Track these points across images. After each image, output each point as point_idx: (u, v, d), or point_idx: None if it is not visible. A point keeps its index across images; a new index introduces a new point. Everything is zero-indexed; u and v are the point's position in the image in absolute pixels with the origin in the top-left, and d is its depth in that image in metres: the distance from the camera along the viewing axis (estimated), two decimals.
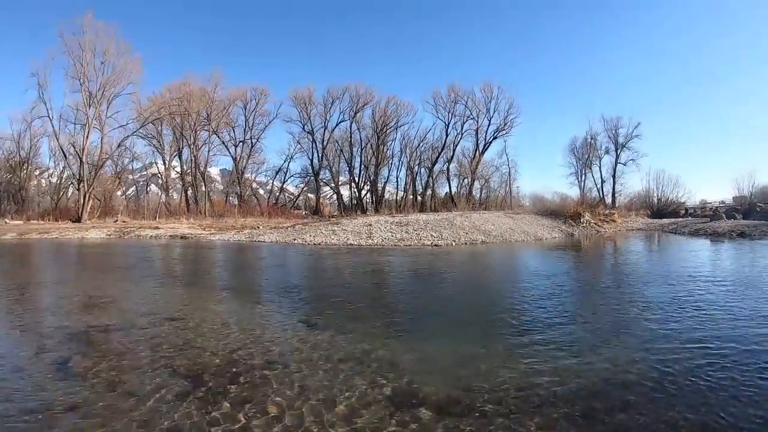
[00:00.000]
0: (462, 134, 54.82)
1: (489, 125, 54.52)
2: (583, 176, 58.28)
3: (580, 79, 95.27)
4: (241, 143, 51.70)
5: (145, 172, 58.13)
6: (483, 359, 5.36)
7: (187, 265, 16.41)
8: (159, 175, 53.13)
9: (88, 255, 19.75)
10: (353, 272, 13.53)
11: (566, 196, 41.75)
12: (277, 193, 55.51)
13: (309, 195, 58.09)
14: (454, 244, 22.15)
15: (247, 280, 12.80)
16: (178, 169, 50.52)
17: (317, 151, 53.81)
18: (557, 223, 28.12)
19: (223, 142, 51.50)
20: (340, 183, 56.32)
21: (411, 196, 55.37)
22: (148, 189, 57.54)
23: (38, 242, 25.27)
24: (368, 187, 55.24)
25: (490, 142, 55.06)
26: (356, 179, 55.30)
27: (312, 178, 54.52)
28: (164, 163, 50.87)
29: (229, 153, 51.87)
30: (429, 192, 55.32)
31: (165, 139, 49.72)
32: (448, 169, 55.12)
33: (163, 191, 51.96)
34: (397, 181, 57.40)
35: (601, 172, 57.88)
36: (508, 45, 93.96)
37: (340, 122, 54.08)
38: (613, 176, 56.64)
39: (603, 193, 55.93)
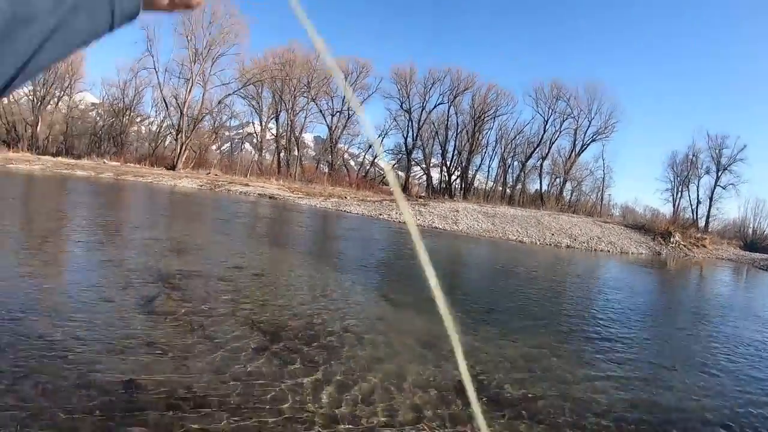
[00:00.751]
0: (560, 132, 52.53)
1: (589, 126, 51.80)
2: (679, 194, 54.00)
3: (689, 87, 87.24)
4: (338, 113, 52.53)
5: (241, 131, 60.62)
6: (548, 360, 5.30)
7: (274, 224, 16.89)
8: (254, 134, 55.22)
9: (179, 203, 20.61)
10: (436, 257, 13.48)
11: (657, 212, 39.13)
12: (368, 167, 56.13)
13: (399, 173, 58.25)
14: (538, 243, 21.51)
15: (332, 247, 13.03)
16: (274, 131, 52.28)
17: (412, 130, 53.71)
18: (645, 239, 26.48)
19: (321, 110, 52.61)
20: (431, 165, 55.98)
21: (500, 188, 54.11)
22: (243, 147, 60.05)
23: (133, 184, 26.11)
24: (459, 173, 54.53)
25: (588, 144, 52.40)
26: (448, 163, 54.68)
27: (404, 156, 54.54)
28: (261, 124, 52.72)
29: (325, 121, 52.93)
30: (519, 186, 53.80)
31: (264, 101, 51.41)
32: (541, 165, 53.17)
33: (256, 151, 54.14)
34: (488, 171, 56.17)
35: (698, 192, 53.33)
36: (613, 43, 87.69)
37: (439, 104, 53.44)
38: (710, 199, 51.98)
39: (697, 216, 51.57)
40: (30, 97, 43.97)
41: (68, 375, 3.58)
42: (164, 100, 45.68)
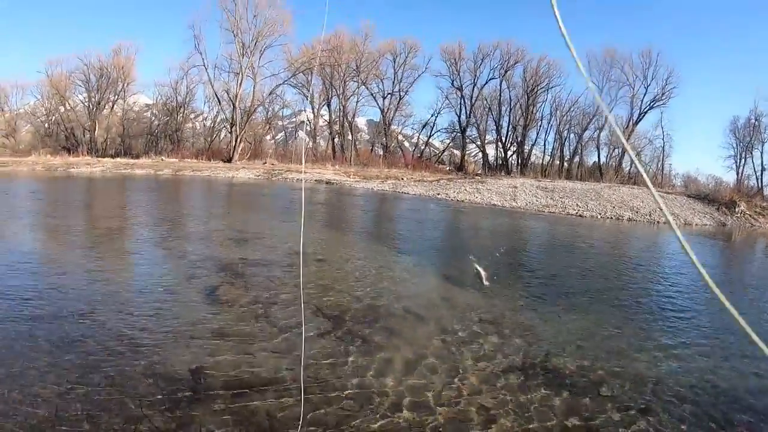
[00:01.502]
0: (616, 101, 50.36)
1: (645, 93, 49.32)
2: (743, 161, 50.57)
3: (752, 47, 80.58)
4: (389, 95, 52.46)
5: (294, 119, 61.58)
6: (612, 339, 5.31)
7: (332, 209, 17.20)
8: (307, 122, 56.24)
9: (237, 193, 21.22)
10: (495, 234, 13.60)
11: (721, 180, 37.06)
12: (422, 147, 56.00)
13: (454, 151, 57.71)
14: (599, 216, 21.17)
15: (392, 230, 13.21)
16: (326, 117, 53.05)
17: (465, 108, 52.92)
18: (709, 209, 25.39)
19: (372, 94, 52.67)
20: (486, 141, 55.19)
21: (558, 162, 52.76)
22: (296, 135, 61.19)
23: (191, 179, 26.55)
24: (515, 148, 53.47)
25: (646, 112, 49.94)
26: (503, 139, 53.68)
27: (458, 134, 53.89)
28: (313, 111, 53.49)
29: (377, 104, 52.99)
30: (577, 159, 52.27)
31: (315, 89, 51.78)
32: (598, 136, 51.37)
33: (310, 138, 55.19)
34: (544, 145, 54.61)
35: (762, 158, 49.71)
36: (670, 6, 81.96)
37: (490, 80, 52.24)
38: None
39: (762, 183, 48.18)
40: (86, 103, 46.18)
41: (136, 365, 3.81)
42: (216, 95, 46.50)
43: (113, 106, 49.00)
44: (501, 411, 3.64)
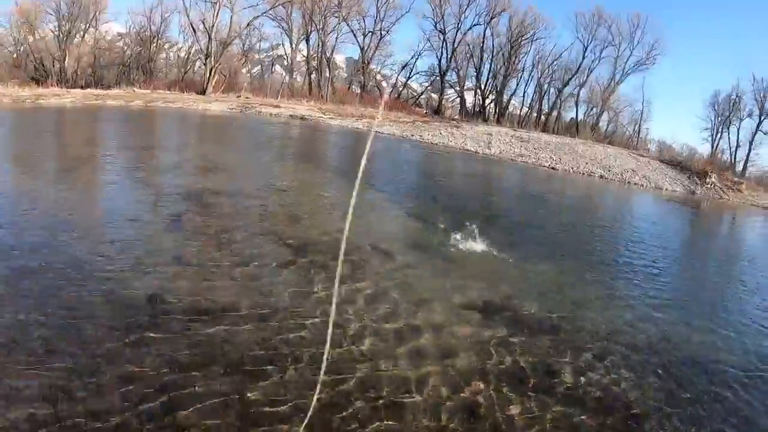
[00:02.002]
0: (599, 60, 50.08)
1: (630, 56, 49.24)
2: (719, 135, 51.58)
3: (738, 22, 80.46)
4: (370, 33, 50.84)
5: (271, 53, 59.60)
6: (575, 289, 5.37)
7: (303, 144, 17.00)
8: (285, 56, 54.38)
9: (209, 126, 20.68)
10: (467, 178, 13.53)
11: (695, 151, 37.75)
12: (401, 88, 55.17)
13: (432, 95, 56.97)
14: (571, 171, 21.24)
15: (359, 167, 13.04)
16: (305, 52, 51.33)
17: (446, 52, 51.79)
18: (681, 176, 25.81)
19: (352, 31, 50.97)
20: (465, 88, 54.56)
21: (535, 115, 52.77)
22: (273, 69, 59.29)
23: (163, 110, 25.53)
24: (493, 97, 53.12)
25: (628, 74, 50.03)
26: (482, 86, 53.18)
27: (437, 78, 53.13)
28: (291, 46, 51.70)
29: (357, 42, 51.41)
30: (555, 114, 52.30)
31: (294, 22, 50.08)
32: (578, 93, 51.31)
33: (287, 73, 53.52)
34: (523, 96, 54.38)
35: (738, 135, 50.78)
36: None
37: (474, 25, 51.02)
38: (750, 143, 49.50)
39: (735, 159, 49.42)
40: (56, 32, 43.75)
41: (93, 291, 3.71)
42: (191, 25, 44.66)
43: (84, 35, 46.41)
44: (459, 346, 3.65)
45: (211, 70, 41.15)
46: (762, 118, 48.13)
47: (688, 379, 3.79)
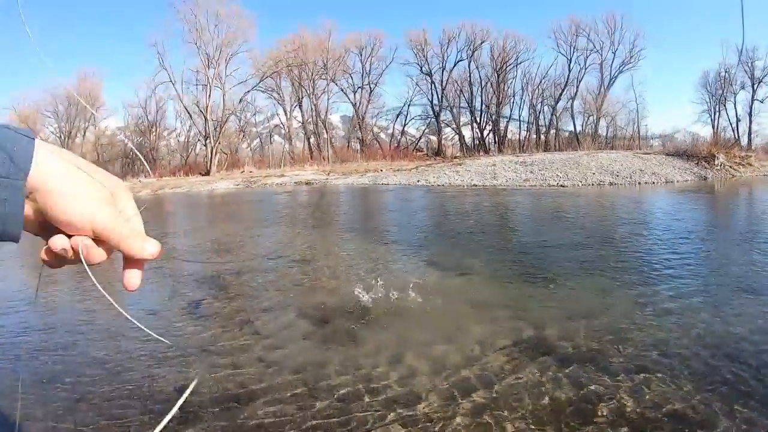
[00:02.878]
0: (585, 69, 51.11)
1: (614, 58, 50.22)
2: (717, 114, 51.62)
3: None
4: (359, 89, 52.55)
5: (267, 124, 61.22)
6: (601, 302, 5.23)
7: (312, 209, 16.98)
8: (281, 125, 55.88)
9: (217, 205, 20.99)
10: (478, 213, 13.62)
11: (698, 136, 37.72)
12: (399, 136, 56.21)
13: (430, 137, 57.90)
14: (580, 184, 21.37)
15: (373, 222, 13.21)
16: (300, 118, 52.88)
17: (437, 93, 53.30)
18: (689, 165, 25.71)
19: (342, 89, 52.72)
20: (461, 123, 55.53)
21: (534, 135, 53.38)
22: (272, 140, 60.79)
23: (171, 196, 26.13)
24: (490, 127, 54.01)
25: (616, 77, 50.88)
26: (477, 119, 54.16)
27: (433, 119, 54.33)
28: (285, 114, 53.26)
29: (349, 99, 53.07)
30: (553, 131, 52.92)
31: (285, 91, 51.82)
32: (572, 106, 52.09)
33: (286, 141, 54.87)
34: (519, 120, 55.33)
35: (736, 109, 50.70)
36: None
37: (459, 62, 52.69)
38: (749, 114, 49.42)
39: (738, 134, 49.16)
40: (57, 134, 45.82)
41: (123, 391, 3.68)
42: (186, 109, 46.54)
43: (84, 133, 48.39)
44: (489, 396, 3.44)
45: (212, 151, 42.46)
46: (755, 87, 48.19)
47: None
